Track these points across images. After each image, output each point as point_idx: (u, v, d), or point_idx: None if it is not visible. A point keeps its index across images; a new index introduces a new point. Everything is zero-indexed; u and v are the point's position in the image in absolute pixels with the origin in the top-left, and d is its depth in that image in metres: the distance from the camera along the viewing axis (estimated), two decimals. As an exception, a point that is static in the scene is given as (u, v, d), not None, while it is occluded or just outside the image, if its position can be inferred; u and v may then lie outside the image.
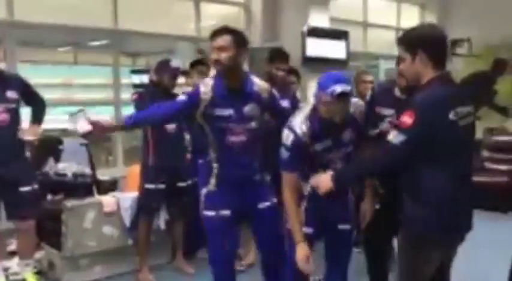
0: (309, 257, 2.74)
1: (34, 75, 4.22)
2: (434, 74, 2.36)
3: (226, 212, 3.04)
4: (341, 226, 2.94)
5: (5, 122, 3.71)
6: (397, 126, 2.35)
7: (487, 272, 4.43)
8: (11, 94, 3.75)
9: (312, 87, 4.12)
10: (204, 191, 3.11)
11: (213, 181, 3.07)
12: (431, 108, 2.29)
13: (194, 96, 2.99)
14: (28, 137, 3.84)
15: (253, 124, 3.05)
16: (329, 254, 3.03)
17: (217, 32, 2.98)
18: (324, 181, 2.60)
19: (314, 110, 2.75)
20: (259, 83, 3.10)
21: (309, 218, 2.87)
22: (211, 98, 2.96)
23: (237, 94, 3.01)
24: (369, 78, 4.84)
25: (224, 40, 2.93)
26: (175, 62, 4.26)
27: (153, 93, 4.11)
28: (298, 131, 2.73)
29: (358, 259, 4.66)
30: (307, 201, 2.88)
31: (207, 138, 3.08)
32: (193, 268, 4.47)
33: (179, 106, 3.02)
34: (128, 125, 3.02)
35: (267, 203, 3.13)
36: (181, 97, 3.06)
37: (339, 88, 2.55)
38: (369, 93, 3.55)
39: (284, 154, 2.77)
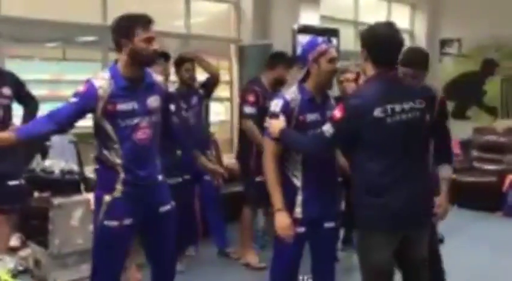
0: (290, 225, 2.74)
1: (22, 71, 4.18)
2: (373, 71, 2.55)
3: (128, 221, 2.79)
4: (327, 224, 2.91)
5: None
6: (331, 118, 2.56)
7: (476, 268, 4.46)
8: (5, 90, 3.83)
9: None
10: (107, 198, 2.77)
11: (119, 187, 2.76)
12: (355, 105, 2.50)
13: (88, 94, 2.69)
14: None
15: (157, 117, 2.87)
16: (313, 253, 3.00)
17: (151, 21, 2.79)
18: (275, 126, 2.73)
19: (300, 85, 2.89)
20: (155, 75, 2.95)
21: (304, 216, 2.83)
22: (111, 92, 2.70)
23: (138, 85, 2.79)
24: (351, 76, 4.73)
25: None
26: None
27: None
28: (288, 97, 2.84)
29: (348, 258, 4.70)
30: (303, 194, 2.83)
31: (105, 141, 2.78)
32: (182, 266, 4.44)
33: (71, 110, 2.70)
34: (22, 140, 2.69)
35: (168, 207, 2.98)
36: (72, 99, 2.72)
37: (319, 37, 2.93)
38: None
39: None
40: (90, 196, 4.29)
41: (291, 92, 2.87)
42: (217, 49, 6.90)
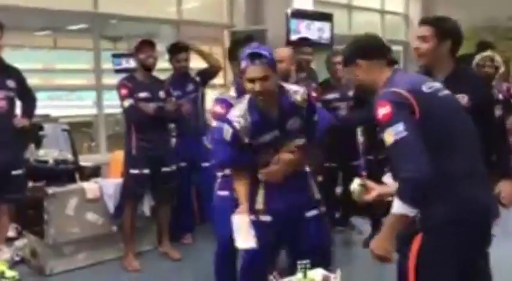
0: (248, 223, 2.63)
1: (13, 60, 4.15)
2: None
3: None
4: (308, 214, 2.80)
5: (4, 109, 3.88)
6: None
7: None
8: (10, 83, 3.93)
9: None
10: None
11: None
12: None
13: None
14: (19, 125, 3.98)
15: None
16: (299, 247, 2.81)
17: None
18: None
19: (251, 102, 2.68)
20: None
21: (268, 205, 2.73)
22: None
23: None
24: (339, 59, 4.75)
25: None
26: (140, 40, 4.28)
27: (138, 81, 4.24)
28: (236, 125, 2.65)
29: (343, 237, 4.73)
30: (265, 188, 2.75)
31: None
32: (180, 254, 4.47)
33: None
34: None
35: None
36: None
37: (249, 50, 2.61)
38: None
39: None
40: (85, 185, 4.30)
41: (239, 116, 2.66)
42: (210, 35, 6.87)
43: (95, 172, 4.58)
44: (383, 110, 2.05)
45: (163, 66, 5.03)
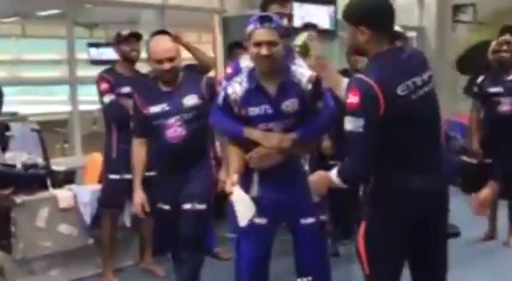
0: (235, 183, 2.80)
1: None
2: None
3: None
4: (304, 221, 2.91)
5: None
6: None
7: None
8: None
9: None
10: None
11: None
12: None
13: None
14: None
15: None
16: (299, 258, 2.97)
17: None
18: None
19: (251, 71, 2.88)
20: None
21: (263, 207, 2.83)
22: None
23: None
24: None
25: None
26: (125, 31, 4.28)
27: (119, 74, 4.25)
28: (229, 90, 2.88)
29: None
30: (259, 188, 2.88)
31: None
32: (165, 270, 4.45)
33: None
34: None
35: None
36: None
37: (259, 14, 2.88)
38: None
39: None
40: (58, 193, 4.29)
41: (236, 82, 2.89)
42: (199, 21, 6.87)
43: (68, 178, 4.58)
44: (352, 99, 2.26)
45: (145, 57, 5.01)
